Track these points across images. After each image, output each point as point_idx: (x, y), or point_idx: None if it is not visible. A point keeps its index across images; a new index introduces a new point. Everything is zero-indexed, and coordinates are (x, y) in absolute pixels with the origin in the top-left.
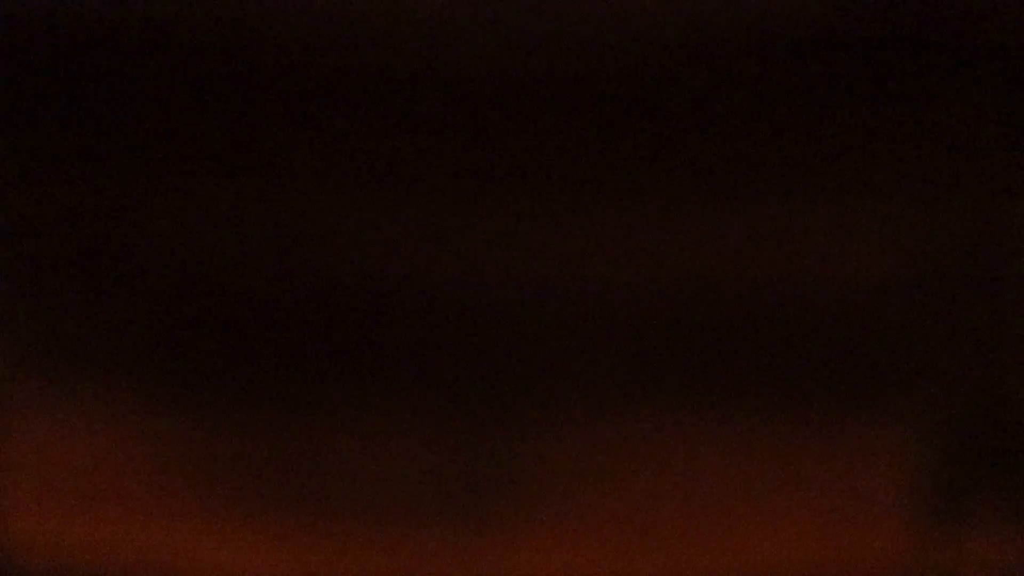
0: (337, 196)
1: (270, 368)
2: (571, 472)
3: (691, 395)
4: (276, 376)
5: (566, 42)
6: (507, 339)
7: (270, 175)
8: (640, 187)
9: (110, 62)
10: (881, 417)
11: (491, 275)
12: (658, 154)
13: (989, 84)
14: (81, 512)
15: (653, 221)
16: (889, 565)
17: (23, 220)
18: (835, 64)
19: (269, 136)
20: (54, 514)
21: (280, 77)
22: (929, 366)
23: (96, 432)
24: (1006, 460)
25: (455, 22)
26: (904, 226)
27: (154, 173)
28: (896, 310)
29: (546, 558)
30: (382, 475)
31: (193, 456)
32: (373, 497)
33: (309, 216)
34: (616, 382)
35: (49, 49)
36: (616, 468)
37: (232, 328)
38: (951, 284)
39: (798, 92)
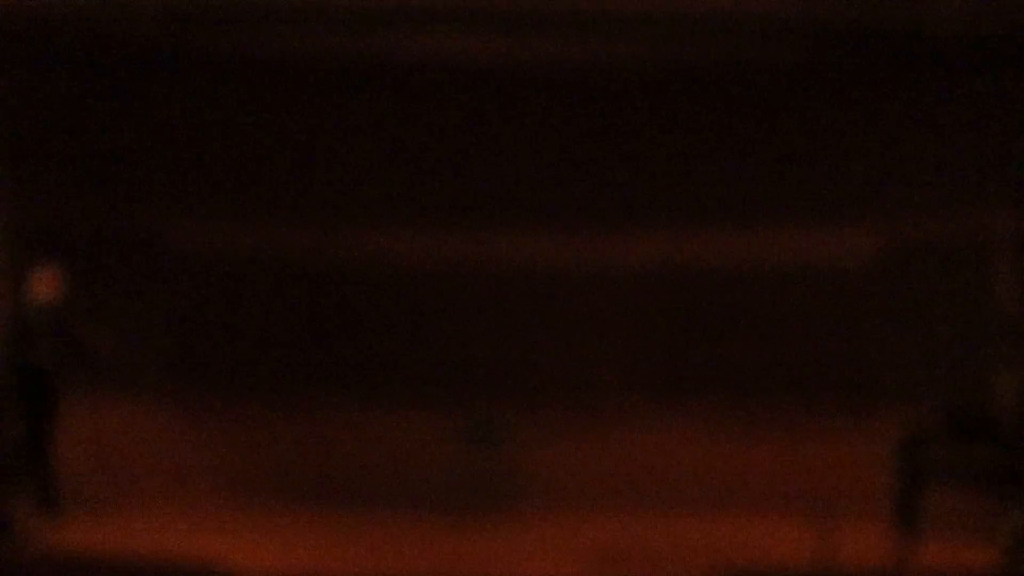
0: (340, 194)
1: (279, 369)
2: (573, 472)
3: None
4: (285, 376)
5: (569, 34)
6: (516, 336)
7: (273, 175)
8: (641, 182)
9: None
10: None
11: (493, 272)
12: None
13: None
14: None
15: (654, 214)
16: (873, 564)
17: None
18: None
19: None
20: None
21: (279, 70)
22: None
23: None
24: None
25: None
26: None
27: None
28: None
29: (548, 555)
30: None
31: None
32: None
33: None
34: (617, 380)
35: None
36: (620, 467)
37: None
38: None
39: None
